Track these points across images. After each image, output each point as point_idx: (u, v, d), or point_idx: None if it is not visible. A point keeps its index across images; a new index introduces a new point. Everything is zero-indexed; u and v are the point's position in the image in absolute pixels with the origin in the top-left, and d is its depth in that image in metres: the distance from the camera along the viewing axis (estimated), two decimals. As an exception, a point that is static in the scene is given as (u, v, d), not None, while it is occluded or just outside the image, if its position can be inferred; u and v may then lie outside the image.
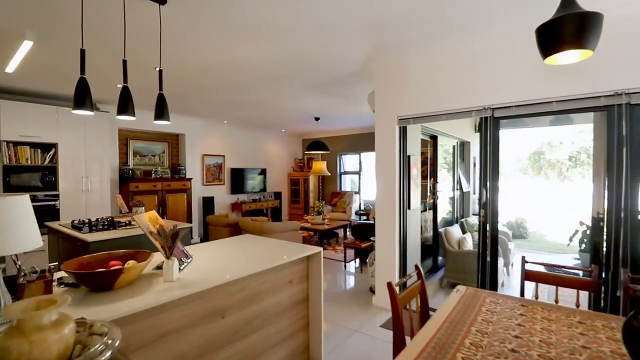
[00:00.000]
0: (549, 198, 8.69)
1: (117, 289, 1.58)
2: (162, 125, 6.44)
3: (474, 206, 6.32)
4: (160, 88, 2.23)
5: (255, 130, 8.88)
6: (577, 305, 1.77)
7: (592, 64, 2.44)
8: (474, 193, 6.38)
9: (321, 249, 2.44)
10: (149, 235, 1.74)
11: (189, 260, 2.01)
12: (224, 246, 2.57)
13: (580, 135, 8.10)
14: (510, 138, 8.41)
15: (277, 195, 9.33)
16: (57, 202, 4.83)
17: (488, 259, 2.91)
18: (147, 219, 1.87)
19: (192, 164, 7.26)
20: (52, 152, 4.82)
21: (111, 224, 3.38)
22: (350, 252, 5.41)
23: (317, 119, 7.22)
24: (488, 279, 2.90)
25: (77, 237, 3.00)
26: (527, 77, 2.76)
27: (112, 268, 1.59)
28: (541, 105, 2.70)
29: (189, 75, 3.99)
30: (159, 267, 1.88)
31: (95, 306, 1.42)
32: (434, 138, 4.79)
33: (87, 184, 5.17)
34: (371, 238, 4.51)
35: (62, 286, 1.63)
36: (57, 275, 1.72)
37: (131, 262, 1.71)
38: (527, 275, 1.99)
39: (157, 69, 2.20)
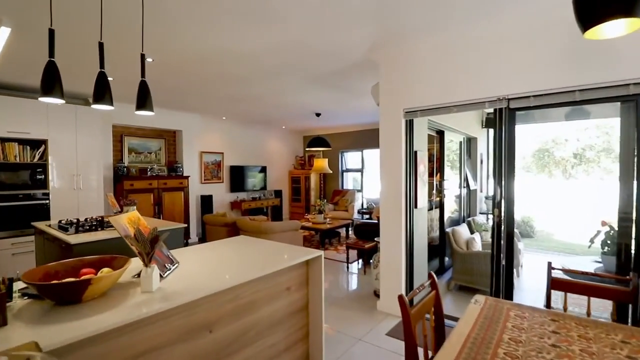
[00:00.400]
0: (555, 196, 8.45)
1: (87, 301, 1.38)
2: (158, 121, 6.24)
3: (480, 205, 6.09)
4: (143, 75, 2.02)
5: (254, 127, 8.66)
6: (615, 319, 1.56)
7: (620, 49, 2.22)
8: (481, 191, 6.15)
9: (322, 252, 2.23)
10: (126, 239, 1.53)
11: (174, 267, 1.80)
12: (215, 249, 2.36)
13: (585, 132, 7.87)
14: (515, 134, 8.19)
15: (278, 193, 9.12)
16: (47, 201, 4.64)
17: (503, 262, 2.68)
18: (125, 221, 1.66)
19: (189, 161, 7.05)
20: (41, 149, 4.62)
21: (100, 225, 3.18)
22: (353, 253, 5.19)
23: (318, 114, 6.99)
24: (503, 284, 2.68)
25: (60, 238, 2.79)
26: (547, 64, 2.52)
27: (81, 278, 1.38)
28: (562, 94, 2.47)
29: (185, 67, 3.78)
30: (139, 275, 1.67)
31: (59, 323, 1.21)
32: (441, 133, 4.56)
33: (79, 182, 4.97)
34: (375, 239, 4.29)
35: (26, 298, 1.42)
36: (21, 285, 1.52)
37: (105, 270, 1.50)
38: (553, 283, 1.77)
39: (141, 53, 1.98)
